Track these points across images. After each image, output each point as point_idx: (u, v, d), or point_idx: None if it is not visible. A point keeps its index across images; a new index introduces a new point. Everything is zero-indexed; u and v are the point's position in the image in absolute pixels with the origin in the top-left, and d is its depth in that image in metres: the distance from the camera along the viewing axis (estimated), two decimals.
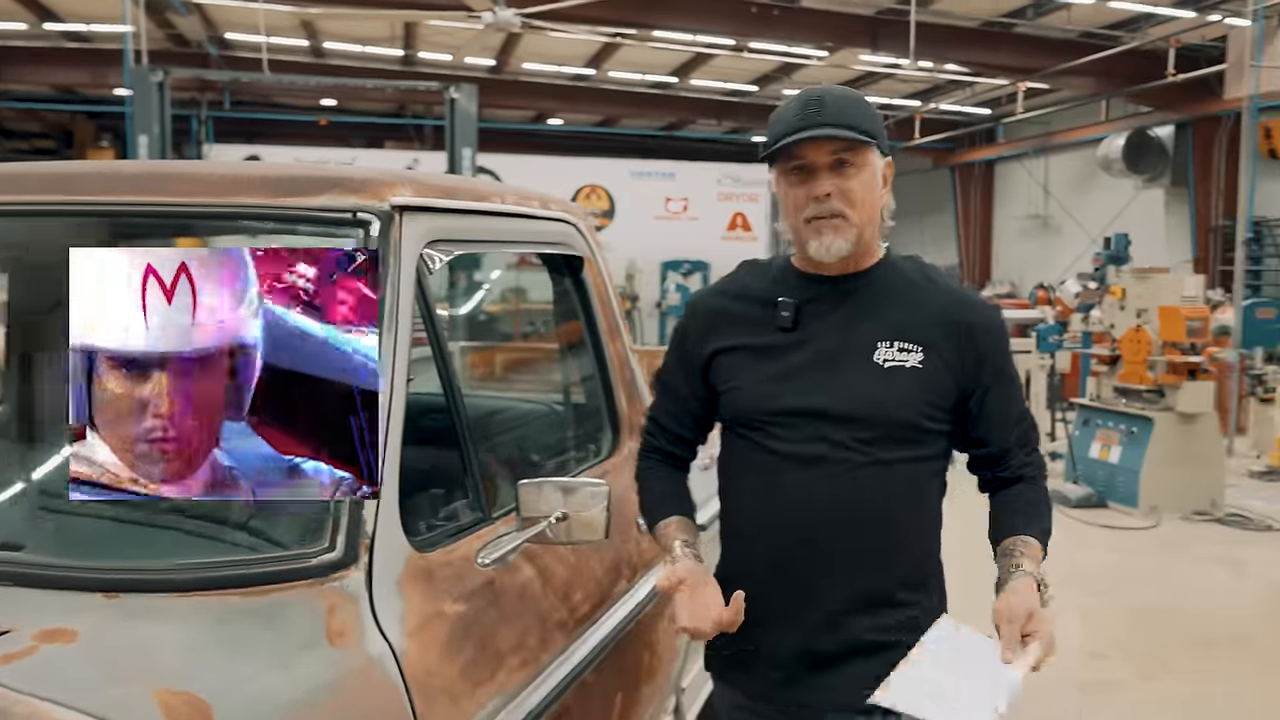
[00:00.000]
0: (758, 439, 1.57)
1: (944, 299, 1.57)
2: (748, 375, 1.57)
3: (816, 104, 1.49)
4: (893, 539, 1.54)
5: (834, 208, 1.49)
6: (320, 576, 1.20)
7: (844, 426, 1.51)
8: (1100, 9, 12.94)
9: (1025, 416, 1.64)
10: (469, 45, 13.72)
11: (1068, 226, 18.52)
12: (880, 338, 1.52)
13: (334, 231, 1.44)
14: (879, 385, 1.51)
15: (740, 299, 1.63)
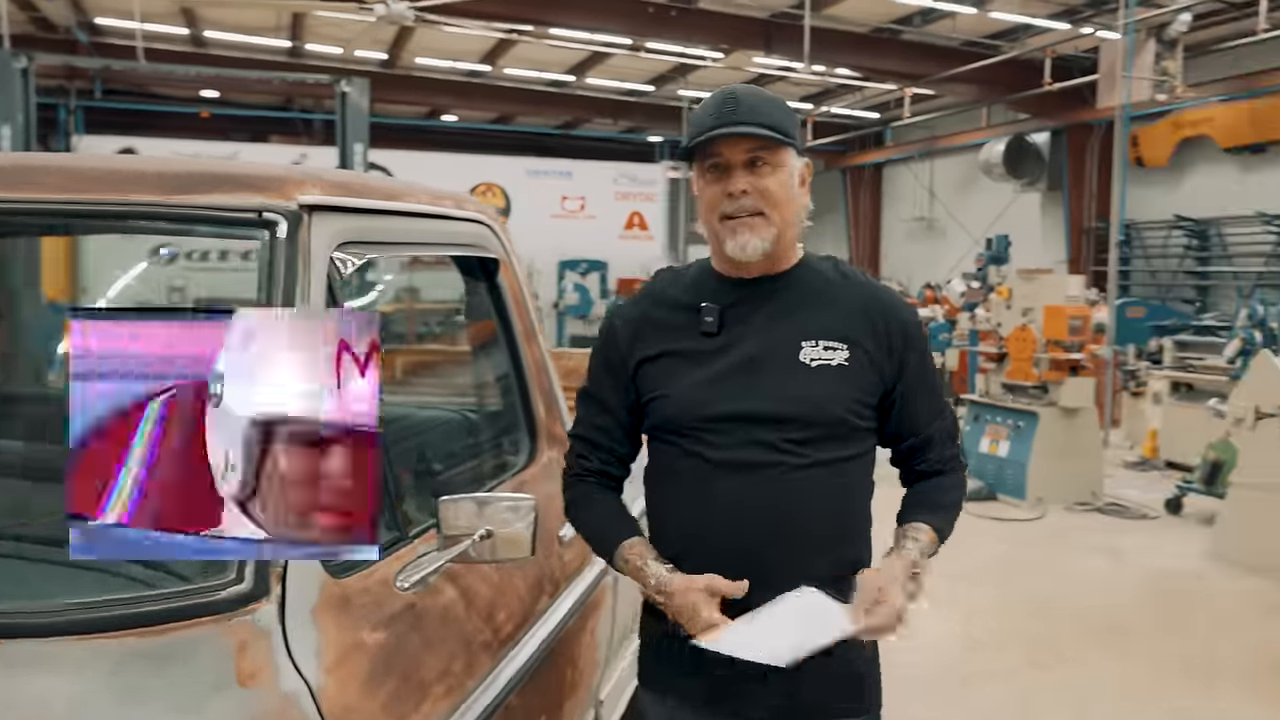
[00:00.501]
0: (687, 446, 1.54)
1: (863, 296, 1.58)
2: (675, 382, 1.55)
3: (733, 102, 1.50)
4: (831, 544, 1.53)
5: (750, 205, 1.49)
6: (228, 611, 1.10)
7: (776, 428, 1.50)
8: (982, 19, 13.44)
9: (945, 410, 1.66)
10: (360, 38, 13.33)
11: (951, 228, 19.19)
12: (805, 337, 1.52)
13: (236, 233, 1.33)
14: (808, 384, 1.50)
15: (662, 306, 1.61)
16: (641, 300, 1.65)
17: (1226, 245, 14.23)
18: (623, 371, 1.60)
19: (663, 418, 1.56)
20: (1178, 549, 5.97)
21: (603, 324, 1.69)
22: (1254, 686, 3.96)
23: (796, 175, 1.54)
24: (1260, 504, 5.40)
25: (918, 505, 1.62)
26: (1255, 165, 13.71)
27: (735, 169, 1.49)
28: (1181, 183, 14.88)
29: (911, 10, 13.50)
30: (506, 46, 16.02)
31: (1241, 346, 6.82)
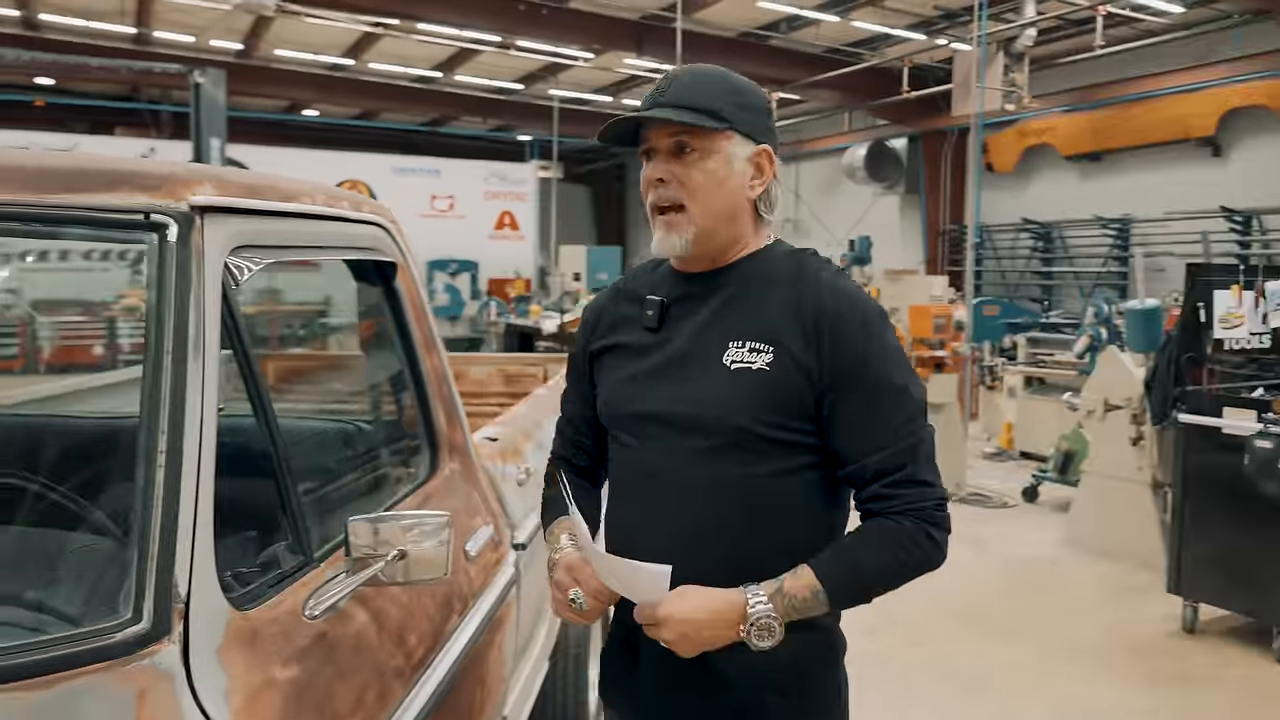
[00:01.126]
0: (616, 445, 1.51)
1: (810, 292, 1.37)
2: (610, 376, 1.51)
3: (667, 82, 1.41)
4: (733, 572, 1.34)
5: (670, 195, 1.39)
6: (125, 655, 0.99)
7: (683, 435, 1.39)
8: (845, 27, 13.89)
9: (902, 437, 1.36)
10: (214, 26, 12.69)
11: (816, 229, 19.77)
12: (733, 337, 1.38)
13: (121, 236, 1.21)
14: (720, 388, 1.36)
15: (622, 298, 1.55)
16: (608, 291, 1.61)
17: (1068, 247, 15.17)
18: (583, 362, 1.58)
19: (600, 413, 1.54)
20: (1035, 536, 6.30)
21: (584, 312, 1.66)
22: (1111, 666, 4.21)
23: (737, 163, 1.39)
24: (1110, 492, 5.75)
25: (829, 549, 1.36)
26: (1093, 172, 14.68)
27: (659, 155, 1.40)
28: (1027, 188, 15.78)
29: (778, 17, 13.83)
30: (371, 40, 15.55)
31: (1089, 343, 7.27)
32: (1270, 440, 4.06)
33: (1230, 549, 4.37)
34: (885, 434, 1.35)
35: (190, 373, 1.15)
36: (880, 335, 1.37)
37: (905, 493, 1.34)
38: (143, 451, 1.09)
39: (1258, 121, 12.46)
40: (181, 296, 1.18)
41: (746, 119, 1.41)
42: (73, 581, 1.09)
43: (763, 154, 1.43)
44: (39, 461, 1.53)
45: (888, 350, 1.37)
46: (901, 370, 1.38)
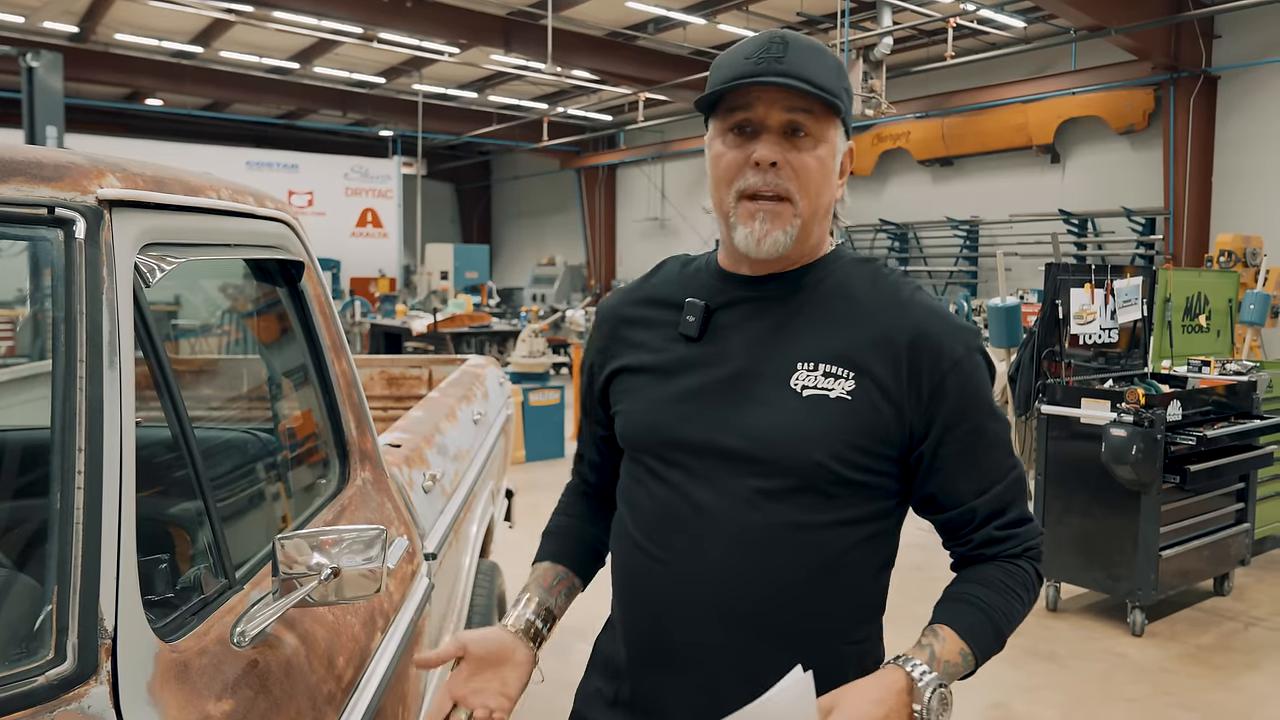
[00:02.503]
0: (635, 478, 1.27)
1: (896, 313, 1.19)
2: (638, 395, 1.26)
3: (780, 46, 1.14)
4: (792, 634, 1.18)
5: (777, 183, 1.14)
6: (49, 700, 0.89)
7: (741, 471, 1.17)
8: (711, 30, 14.13)
9: (1006, 476, 1.23)
10: (48, 7, 11.81)
11: (683, 228, 20.07)
12: (803, 357, 1.17)
13: (20, 233, 1.09)
14: (792, 417, 1.15)
15: (649, 303, 1.31)
16: (627, 292, 1.36)
17: (923, 247, 15.90)
18: (595, 380, 1.36)
19: (622, 435, 1.30)
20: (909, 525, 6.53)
21: (597, 313, 1.42)
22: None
23: (840, 159, 1.21)
24: None
25: (946, 604, 1.22)
26: (945, 176, 15.44)
27: (769, 133, 1.15)
28: (884, 190, 16.46)
29: (646, 18, 13.95)
30: (222, 27, 14.83)
31: None
32: (1124, 429, 4.35)
33: (1088, 531, 4.66)
34: (993, 472, 1.22)
35: (107, 383, 1.05)
36: (981, 363, 1.22)
37: (1018, 532, 1.24)
38: (58, 471, 0.98)
39: (1091, 131, 13.39)
40: (94, 299, 1.07)
41: (850, 110, 1.21)
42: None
43: (849, 153, 1.25)
44: None
45: (987, 380, 1.22)
46: (993, 398, 1.24)
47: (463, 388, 3.39)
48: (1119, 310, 5.23)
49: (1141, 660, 4.24)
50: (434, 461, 2.49)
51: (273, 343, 1.91)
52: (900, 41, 13.51)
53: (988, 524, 1.23)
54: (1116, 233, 13.03)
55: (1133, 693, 3.93)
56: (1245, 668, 4.17)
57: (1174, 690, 3.94)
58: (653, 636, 1.23)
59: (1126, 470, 4.36)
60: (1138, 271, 5.34)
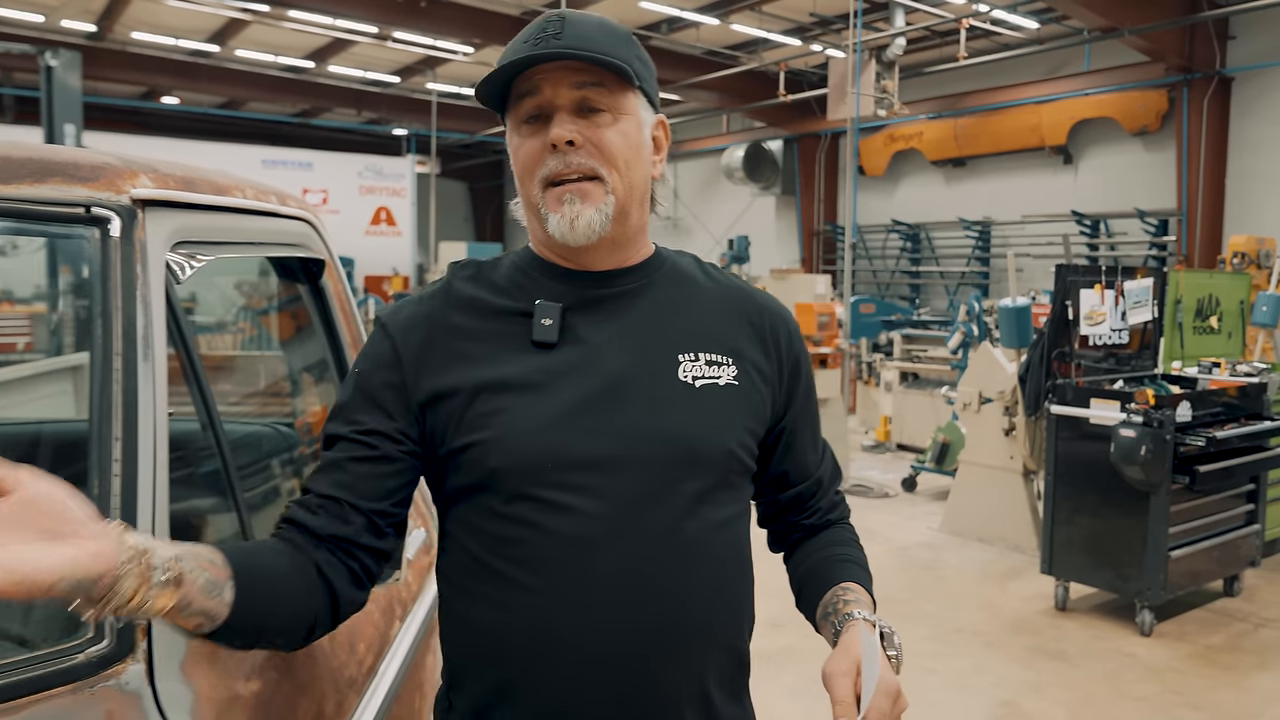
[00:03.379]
0: (528, 514, 1.06)
1: (742, 296, 1.21)
2: (501, 418, 1.06)
3: (558, 24, 1.07)
4: (733, 632, 1.15)
5: (582, 162, 1.07)
6: (89, 677, 0.93)
7: (670, 476, 1.08)
8: (724, 30, 14.15)
9: (822, 439, 1.29)
10: (67, 6, 11.92)
11: (696, 228, 20.09)
12: (680, 350, 1.13)
13: (58, 231, 1.13)
14: (697, 411, 1.11)
15: (467, 309, 1.13)
16: (431, 302, 1.15)
17: (935, 247, 15.88)
18: (395, 409, 1.10)
19: (485, 474, 1.06)
20: (916, 524, 6.58)
21: (370, 336, 1.17)
22: (999, 643, 4.45)
23: (648, 132, 1.13)
24: (984, 480, 6.06)
25: (831, 568, 1.21)
26: (957, 176, 15.42)
27: (561, 113, 1.07)
28: (896, 190, 16.44)
29: (659, 18, 13.98)
30: (238, 26, 14.93)
31: (963, 339, 7.63)
32: (1133, 429, 4.37)
33: (1097, 531, 4.67)
34: (820, 440, 1.28)
35: (142, 376, 1.09)
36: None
37: (843, 497, 1.32)
38: (96, 460, 1.03)
39: (1105, 132, 13.35)
40: (128, 295, 1.12)
41: (649, 79, 1.14)
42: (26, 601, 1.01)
43: (661, 126, 1.17)
44: None
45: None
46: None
47: None
48: (1129, 311, 5.24)
49: (1150, 660, 4.25)
50: None
51: (293, 338, 1.95)
52: (913, 42, 13.50)
53: (829, 490, 1.29)
54: (1129, 234, 13.00)
55: (1141, 691, 3.94)
56: (1255, 668, 4.18)
57: (1183, 690, 3.96)
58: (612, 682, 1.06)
59: (1135, 470, 4.38)
60: (1149, 273, 5.35)
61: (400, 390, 1.10)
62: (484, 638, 1.09)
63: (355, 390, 1.12)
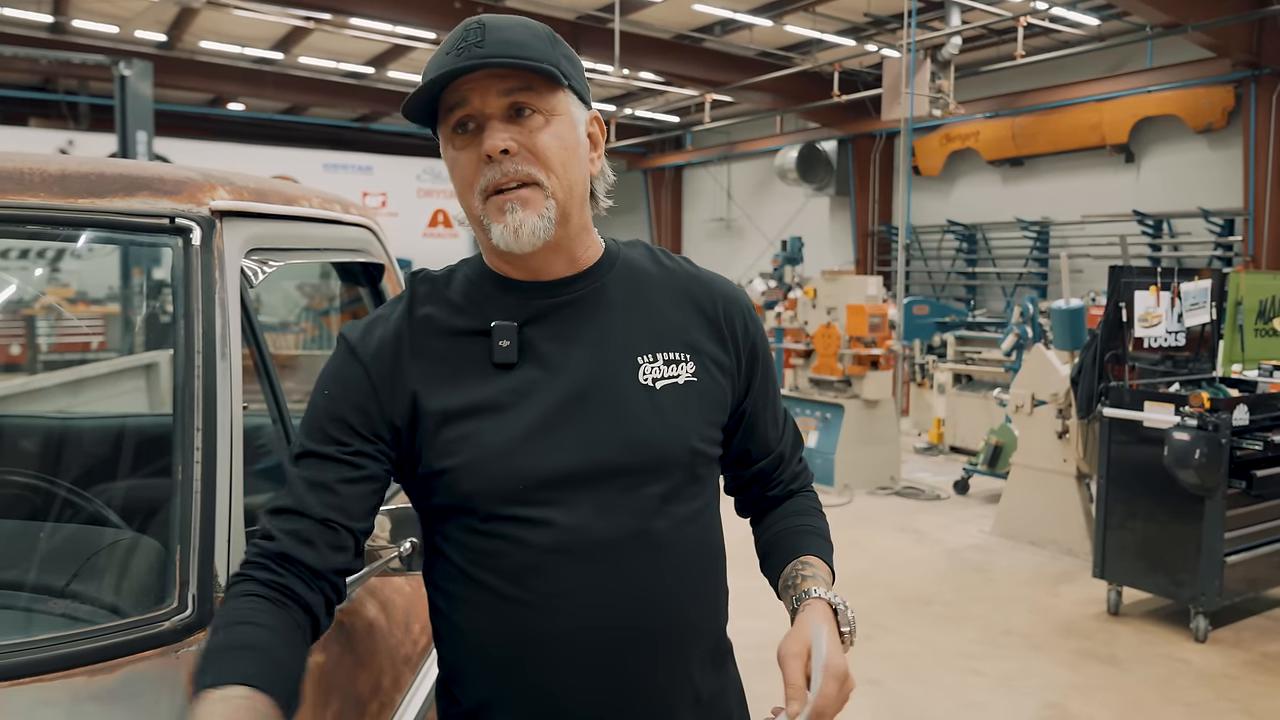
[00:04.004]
0: (505, 532, 1.10)
1: (697, 285, 1.23)
2: (470, 444, 1.10)
3: (478, 31, 1.07)
4: (711, 621, 1.22)
5: (517, 169, 1.07)
6: (174, 642, 1.04)
7: (637, 482, 1.12)
8: (777, 31, 14.13)
9: (784, 411, 1.34)
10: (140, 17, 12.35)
11: (749, 229, 20.06)
12: (638, 351, 1.15)
13: (146, 240, 1.25)
14: (659, 413, 1.14)
15: (429, 331, 1.15)
16: (398, 324, 1.15)
17: (991, 248, 15.68)
18: (377, 432, 1.12)
19: (460, 497, 1.11)
20: (967, 526, 6.55)
21: (333, 356, 1.17)
22: (1048, 645, 4.43)
23: (582, 129, 1.13)
24: (1036, 483, 6.02)
25: (793, 538, 1.27)
26: (1015, 176, 15.20)
27: (491, 121, 1.07)
28: (952, 191, 16.25)
29: (712, 20, 14.01)
30: (301, 34, 15.30)
31: (1016, 341, 7.56)
32: (1187, 432, 4.32)
33: (1151, 535, 4.62)
34: (782, 415, 1.33)
35: (220, 372, 1.20)
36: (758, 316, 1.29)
37: (805, 466, 1.37)
38: (179, 448, 1.13)
39: (1168, 130, 13.06)
40: (208, 298, 1.22)
41: (578, 76, 1.14)
42: (118, 575, 1.12)
43: (595, 121, 1.17)
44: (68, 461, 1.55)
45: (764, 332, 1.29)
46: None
47: None
48: (1186, 313, 5.17)
49: (1203, 666, 4.20)
50: None
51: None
52: (970, 41, 13.35)
53: (791, 461, 1.33)
54: (1193, 234, 12.70)
55: (1192, 697, 3.91)
56: None
57: (1236, 696, 3.91)
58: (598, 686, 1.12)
59: (1189, 474, 4.33)
60: (1207, 274, 5.27)
61: (375, 415, 1.11)
62: (473, 642, 1.14)
63: (329, 412, 1.12)
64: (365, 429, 1.11)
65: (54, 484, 1.35)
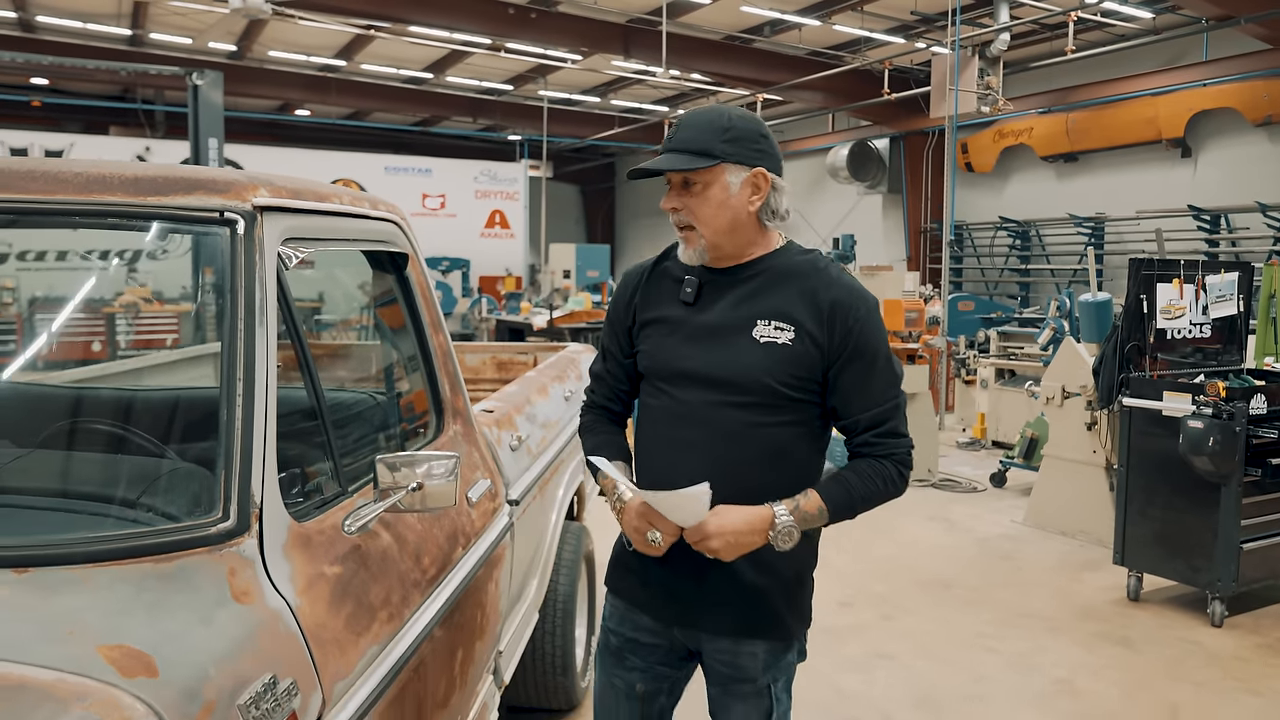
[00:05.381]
0: (654, 394, 1.86)
1: (821, 286, 1.77)
2: (654, 340, 1.85)
3: (673, 130, 1.79)
4: (756, 496, 1.73)
5: (681, 220, 1.78)
6: (218, 544, 1.32)
7: (720, 389, 1.76)
8: (826, 31, 14.24)
9: (887, 399, 1.78)
10: (213, 29, 12.96)
11: (802, 227, 20.14)
12: (761, 316, 1.76)
13: (202, 230, 1.53)
14: (752, 356, 1.75)
15: (659, 275, 1.90)
16: (645, 267, 1.94)
17: (1045, 245, 15.57)
18: (622, 326, 1.93)
19: (644, 367, 1.88)
20: (999, 517, 6.66)
21: (621, 278, 2.00)
22: (1064, 628, 4.57)
23: (734, 188, 1.75)
24: (1067, 473, 6.11)
25: (830, 479, 1.78)
26: (1069, 172, 15.08)
27: (675, 187, 1.78)
28: (1005, 187, 16.18)
29: (761, 21, 14.18)
30: (363, 42, 15.85)
31: (1052, 334, 7.62)
32: (1201, 420, 4.42)
33: (1169, 523, 4.72)
34: (876, 396, 1.78)
35: (259, 337, 1.48)
36: (874, 320, 1.79)
37: (888, 441, 1.79)
38: (225, 396, 1.42)
39: (1225, 123, 12.88)
40: (250, 278, 1.51)
41: (736, 152, 1.74)
42: (178, 494, 1.41)
43: (758, 175, 1.76)
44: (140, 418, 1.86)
45: (879, 332, 1.80)
46: (887, 348, 1.82)
47: (557, 369, 3.80)
48: (1212, 306, 5.24)
49: (1216, 649, 4.31)
50: (522, 426, 2.90)
51: (383, 319, 2.35)
52: (1021, 36, 13.32)
53: (867, 431, 1.79)
54: (1251, 229, 12.50)
55: (1200, 677, 4.02)
56: None
57: (1244, 677, 4.01)
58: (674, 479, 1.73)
59: (1204, 461, 4.43)
60: (1233, 267, 5.33)
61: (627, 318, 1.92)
62: (637, 449, 1.91)
63: (610, 316, 1.97)
64: (625, 320, 1.92)
65: (130, 431, 1.66)
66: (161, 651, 1.12)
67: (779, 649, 1.87)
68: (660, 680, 1.93)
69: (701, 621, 1.84)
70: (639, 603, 1.90)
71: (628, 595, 1.92)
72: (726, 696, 1.87)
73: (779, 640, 1.87)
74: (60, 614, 1.13)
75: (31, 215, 1.46)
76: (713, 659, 1.87)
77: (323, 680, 1.35)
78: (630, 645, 1.92)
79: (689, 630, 1.87)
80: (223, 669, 1.16)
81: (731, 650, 1.84)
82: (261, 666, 1.23)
